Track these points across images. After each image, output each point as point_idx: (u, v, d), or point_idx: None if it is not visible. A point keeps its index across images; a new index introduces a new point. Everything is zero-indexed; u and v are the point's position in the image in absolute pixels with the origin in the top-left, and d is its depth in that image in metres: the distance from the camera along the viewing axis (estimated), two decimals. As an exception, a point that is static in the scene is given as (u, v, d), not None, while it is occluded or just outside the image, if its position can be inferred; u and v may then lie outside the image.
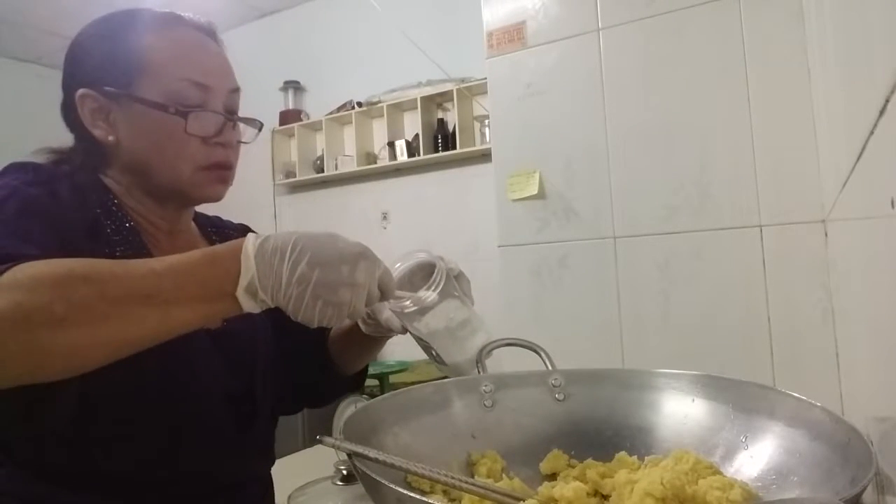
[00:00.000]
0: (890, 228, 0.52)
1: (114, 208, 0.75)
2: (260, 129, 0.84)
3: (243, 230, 0.96)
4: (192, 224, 0.89)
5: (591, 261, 1.36)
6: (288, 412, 0.97)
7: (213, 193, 0.79)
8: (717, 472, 0.67)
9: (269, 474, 0.90)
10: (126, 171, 0.77)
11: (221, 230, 0.93)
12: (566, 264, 1.39)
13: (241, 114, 0.82)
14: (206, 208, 0.89)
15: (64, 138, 0.82)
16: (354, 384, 0.99)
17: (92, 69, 0.75)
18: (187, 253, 0.58)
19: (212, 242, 0.88)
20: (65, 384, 0.56)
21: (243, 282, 0.56)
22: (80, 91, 0.74)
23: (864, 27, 0.59)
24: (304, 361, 0.93)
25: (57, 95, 0.79)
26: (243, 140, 0.82)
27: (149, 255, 0.74)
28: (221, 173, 0.78)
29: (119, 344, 0.54)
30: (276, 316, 0.67)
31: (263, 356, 0.85)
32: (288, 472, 1.12)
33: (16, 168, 0.69)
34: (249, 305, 0.57)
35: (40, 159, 0.78)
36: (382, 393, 0.84)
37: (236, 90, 0.80)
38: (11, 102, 4.29)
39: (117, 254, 0.71)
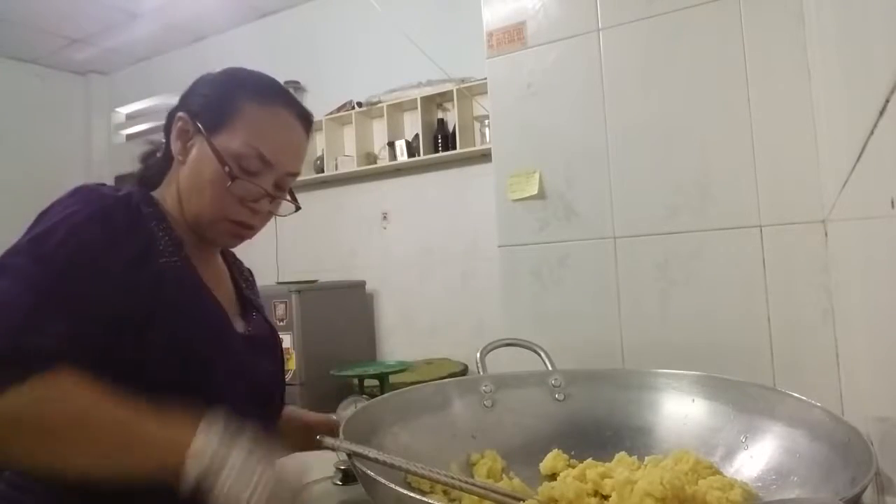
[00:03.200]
0: (890, 228, 0.52)
1: (163, 220, 0.83)
2: (298, 209, 0.93)
3: (249, 274, 1.08)
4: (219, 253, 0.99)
5: (591, 261, 1.36)
6: None
7: (225, 242, 0.91)
8: (717, 472, 0.67)
9: None
10: (176, 190, 0.87)
11: (234, 257, 1.05)
12: (566, 264, 1.39)
13: None
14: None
15: (62, 138, 0.84)
16: None
17: (197, 103, 0.87)
18: (156, 425, 0.67)
19: (229, 265, 1.00)
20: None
21: (189, 480, 0.64)
22: (180, 113, 0.86)
23: (864, 27, 0.59)
24: None
25: (56, 95, 0.80)
26: (279, 214, 0.91)
27: (192, 266, 0.83)
28: (240, 231, 0.87)
29: (76, 471, 0.65)
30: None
31: (282, 353, 0.98)
32: (288, 472, 1.12)
33: (82, 196, 0.76)
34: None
35: (141, 148, 0.95)
36: (382, 393, 0.84)
37: (295, 174, 0.89)
38: (11, 102, 4.29)
39: (168, 262, 0.79)
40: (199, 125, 0.84)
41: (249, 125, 0.84)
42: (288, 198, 0.90)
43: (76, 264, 0.69)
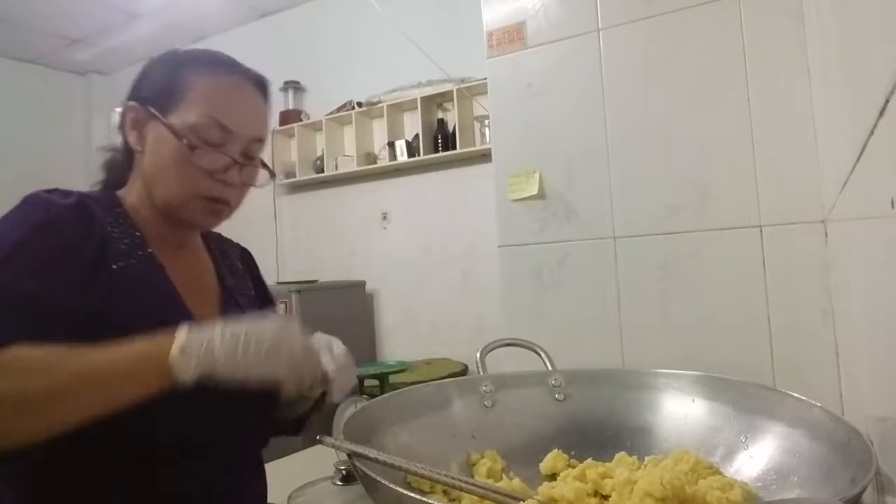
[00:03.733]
0: (890, 228, 0.52)
1: (121, 219, 0.81)
2: (273, 178, 0.91)
3: (241, 251, 1.04)
4: (199, 240, 0.95)
5: (591, 261, 1.36)
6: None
7: (203, 222, 0.86)
8: (717, 472, 0.67)
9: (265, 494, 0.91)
10: (142, 183, 0.84)
11: (221, 244, 1.00)
12: (566, 264, 1.39)
13: None
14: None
15: (62, 138, 0.84)
16: (294, 431, 0.97)
17: (145, 89, 0.84)
18: (125, 347, 0.65)
19: (213, 255, 0.95)
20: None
21: (175, 347, 0.64)
22: (129, 102, 0.84)
23: (864, 27, 0.59)
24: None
25: (56, 95, 0.80)
26: (253, 184, 0.87)
27: (158, 263, 0.81)
28: (215, 206, 0.83)
29: (63, 423, 0.63)
30: None
31: None
32: (288, 472, 1.12)
33: (31, 204, 0.74)
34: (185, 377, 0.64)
35: (101, 156, 0.92)
36: (382, 393, 0.84)
37: (261, 140, 0.86)
38: (11, 102, 4.29)
39: (125, 266, 0.76)
40: (152, 109, 0.82)
41: (202, 97, 0.81)
42: (259, 166, 0.87)
43: (24, 275, 0.68)
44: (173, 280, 0.81)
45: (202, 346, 0.64)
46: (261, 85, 0.88)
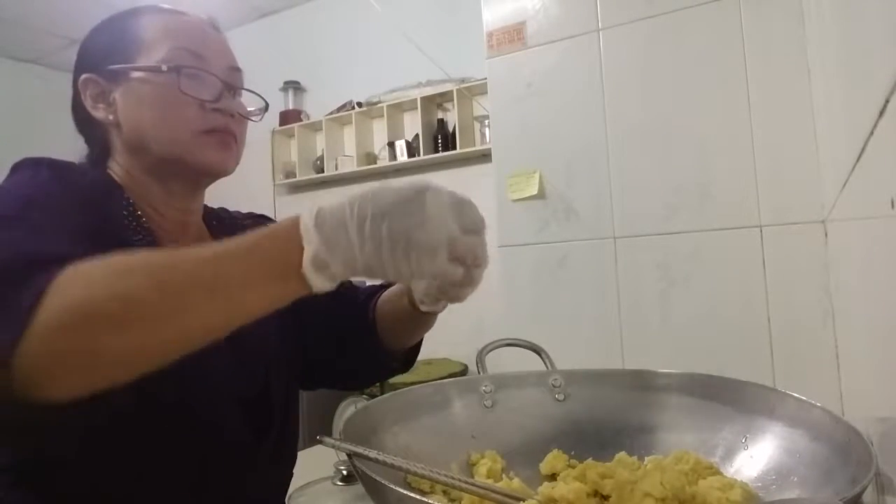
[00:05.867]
0: (890, 228, 0.52)
1: (131, 208, 0.73)
2: (266, 108, 0.83)
3: (253, 220, 0.92)
4: (202, 223, 0.85)
5: (591, 261, 1.36)
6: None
7: (216, 159, 0.75)
8: (717, 472, 0.67)
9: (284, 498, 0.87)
10: (127, 152, 0.76)
11: (224, 221, 0.89)
12: (566, 264, 1.39)
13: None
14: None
15: (62, 138, 0.81)
16: (405, 363, 0.92)
17: (94, 57, 0.76)
18: (243, 235, 0.54)
19: (216, 236, 0.84)
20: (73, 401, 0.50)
21: (308, 254, 0.51)
22: (83, 77, 0.75)
23: (864, 27, 0.59)
24: (350, 349, 0.88)
25: (56, 95, 0.79)
26: (249, 117, 0.80)
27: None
28: (222, 137, 0.74)
29: (183, 339, 0.50)
30: (318, 307, 0.61)
31: (276, 359, 0.82)
32: (288, 472, 1.12)
33: (29, 165, 0.68)
34: (319, 281, 0.52)
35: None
36: (382, 393, 0.84)
37: (237, 69, 0.79)
38: (11, 102, 4.29)
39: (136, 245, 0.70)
40: (113, 68, 0.73)
41: (163, 34, 0.74)
42: (250, 92, 0.80)
43: (65, 228, 0.59)
44: None
45: (340, 256, 0.52)
46: (211, 21, 0.81)
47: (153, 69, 0.72)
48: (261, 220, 0.93)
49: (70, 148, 0.81)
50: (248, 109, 0.81)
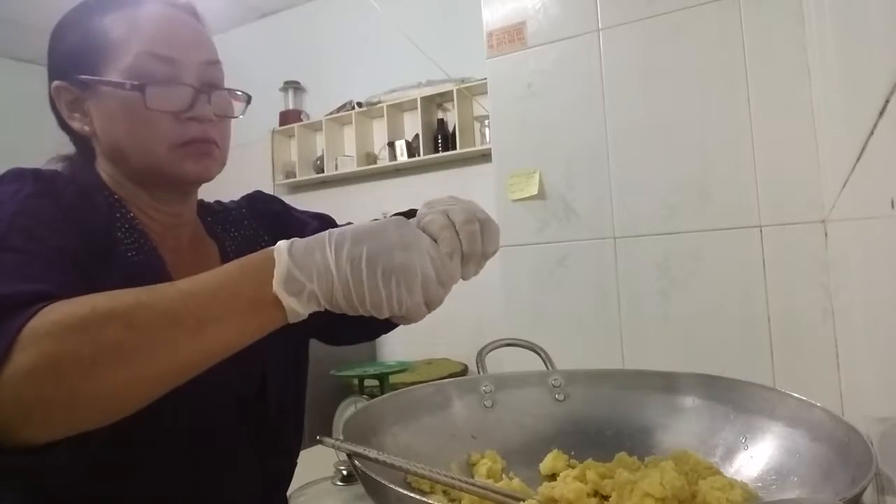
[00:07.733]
0: (890, 228, 0.52)
1: (120, 207, 0.72)
2: (248, 102, 0.79)
3: (247, 201, 0.90)
4: (198, 219, 0.83)
5: (591, 261, 1.36)
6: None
7: (195, 170, 0.72)
8: (717, 472, 0.67)
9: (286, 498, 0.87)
10: (108, 161, 0.73)
11: (219, 214, 0.86)
12: (566, 264, 1.39)
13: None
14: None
15: (62, 138, 0.80)
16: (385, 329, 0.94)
17: (63, 60, 0.72)
18: (217, 269, 0.54)
19: (211, 231, 0.83)
20: None
21: (278, 273, 0.51)
22: (54, 84, 0.72)
23: (864, 27, 0.59)
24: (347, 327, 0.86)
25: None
26: (228, 115, 0.75)
27: (157, 255, 0.71)
28: (200, 147, 0.71)
29: (156, 378, 0.49)
30: None
31: (274, 359, 0.81)
32: (288, 473, 1.12)
33: (14, 177, 0.64)
34: (293, 303, 0.51)
35: (54, 168, 0.75)
36: (382, 393, 0.84)
37: (214, 62, 0.74)
38: (11, 102, 4.28)
39: (130, 256, 0.69)
40: (81, 78, 0.70)
41: (123, 37, 0.69)
42: (230, 92, 0.75)
43: (42, 231, 0.58)
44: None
45: (314, 276, 0.51)
46: (187, 7, 0.76)
47: (118, 85, 0.68)
48: (254, 201, 0.90)
49: (70, 148, 0.81)
50: (232, 101, 0.76)
